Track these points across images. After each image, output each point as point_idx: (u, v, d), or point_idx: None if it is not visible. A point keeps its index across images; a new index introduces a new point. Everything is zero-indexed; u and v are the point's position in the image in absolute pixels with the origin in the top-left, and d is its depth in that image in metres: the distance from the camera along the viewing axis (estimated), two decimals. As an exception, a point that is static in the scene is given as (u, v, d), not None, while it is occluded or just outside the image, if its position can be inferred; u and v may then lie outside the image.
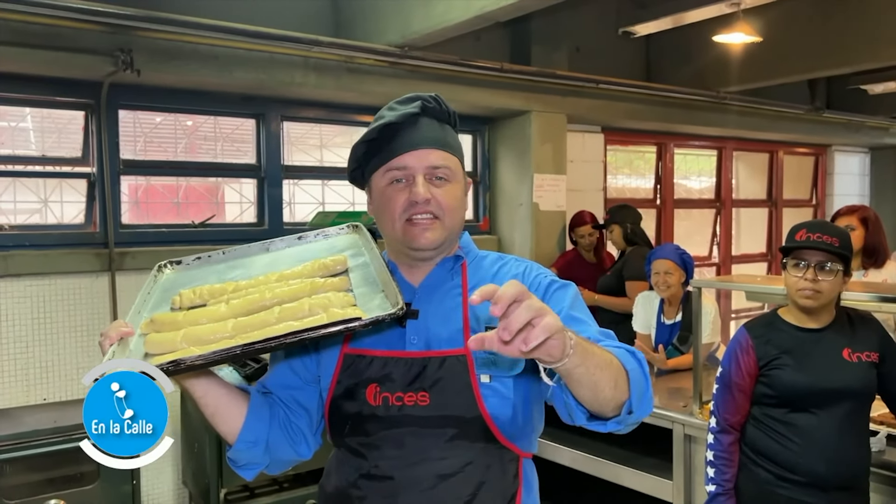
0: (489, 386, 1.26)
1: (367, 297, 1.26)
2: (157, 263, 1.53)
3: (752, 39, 4.28)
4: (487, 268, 1.39)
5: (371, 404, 1.27)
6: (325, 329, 1.13)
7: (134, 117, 4.12)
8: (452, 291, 1.35)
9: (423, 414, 1.25)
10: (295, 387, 1.39)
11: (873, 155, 8.35)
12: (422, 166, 1.30)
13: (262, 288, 1.35)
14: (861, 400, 2.16)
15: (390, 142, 1.31)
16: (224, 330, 1.21)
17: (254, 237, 4.28)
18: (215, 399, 1.32)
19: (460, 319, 1.30)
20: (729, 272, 7.23)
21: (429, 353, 1.28)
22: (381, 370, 1.29)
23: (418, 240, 1.30)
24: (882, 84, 6.05)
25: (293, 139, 4.76)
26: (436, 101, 1.35)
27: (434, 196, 1.30)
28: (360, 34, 4.14)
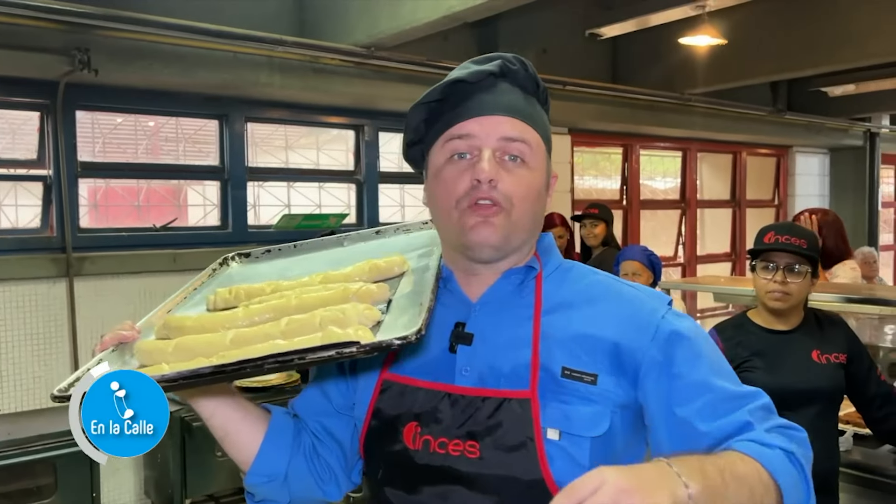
0: (557, 444, 0.97)
1: (401, 310, 1.01)
2: (224, 256, 1.35)
3: (717, 42, 4.32)
4: (574, 286, 1.07)
5: (409, 446, 1.02)
6: (314, 354, 0.88)
7: (92, 118, 4.01)
8: (520, 313, 1.04)
9: (469, 469, 0.98)
10: (325, 413, 1.14)
11: (832, 156, 8.51)
12: (492, 138, 1.01)
13: (298, 291, 1.14)
14: (831, 401, 2.18)
15: (455, 105, 1.03)
16: (222, 343, 1.01)
17: (217, 241, 4.23)
18: (225, 421, 1.08)
19: (528, 352, 1.00)
20: (694, 272, 7.31)
21: (483, 391, 1.00)
22: (426, 406, 1.02)
23: (473, 234, 1.00)
24: (841, 87, 6.16)
25: (257, 140, 4.68)
26: (521, 64, 1.06)
27: (502, 178, 1.00)
28: (326, 34, 4.08)
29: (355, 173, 4.93)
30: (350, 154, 5.05)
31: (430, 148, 1.07)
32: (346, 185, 5.04)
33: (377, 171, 4.92)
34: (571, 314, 1.03)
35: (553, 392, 0.98)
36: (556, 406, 0.97)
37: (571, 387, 0.98)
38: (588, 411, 0.97)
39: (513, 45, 4.95)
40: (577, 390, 0.98)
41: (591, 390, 0.98)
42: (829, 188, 8.58)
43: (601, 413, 0.97)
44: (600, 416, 0.97)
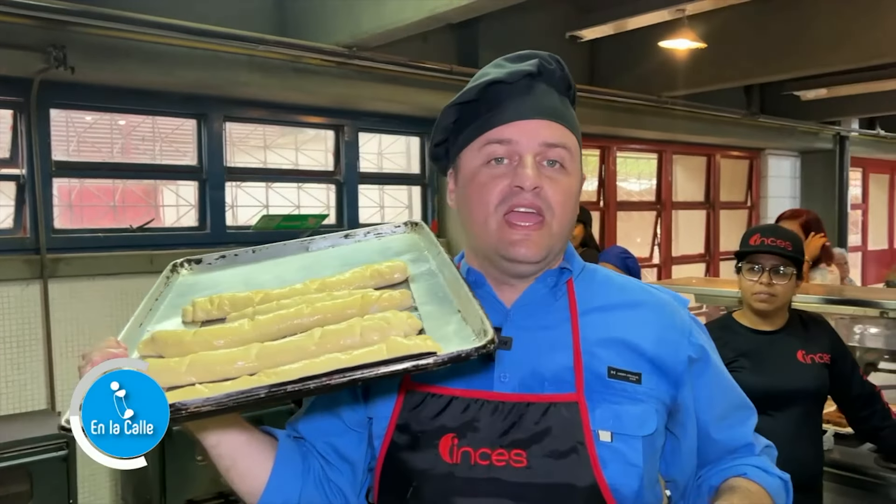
0: (610, 447, 0.95)
1: (436, 318, 0.94)
2: (172, 262, 1.23)
3: (697, 45, 4.36)
4: (604, 291, 1.07)
5: (446, 461, 0.95)
6: (387, 367, 0.81)
7: (66, 116, 3.93)
8: (557, 315, 1.02)
9: (517, 479, 0.93)
10: (335, 432, 1.06)
11: (803, 158, 8.66)
12: (533, 143, 0.98)
13: (299, 300, 1.03)
14: (815, 401, 2.21)
15: (493, 107, 0.99)
16: (245, 359, 0.89)
17: (196, 242, 4.17)
18: (232, 448, 0.98)
19: (569, 354, 0.98)
20: (669, 273, 7.39)
21: (527, 396, 0.96)
22: (461, 416, 0.96)
23: (517, 249, 0.98)
24: (814, 91, 6.26)
25: (235, 140, 4.62)
26: (558, 64, 1.04)
27: (543, 186, 0.97)
28: (306, 34, 4.04)
29: (335, 174, 4.90)
30: (329, 154, 5.02)
31: (461, 151, 1.04)
32: (324, 185, 5.00)
33: (357, 172, 4.90)
34: (608, 317, 1.03)
35: (600, 393, 0.97)
36: (607, 407, 0.96)
37: (619, 386, 0.98)
38: (637, 410, 0.97)
39: (493, 47, 4.96)
40: (624, 390, 0.98)
41: (637, 389, 0.98)
42: (799, 190, 8.73)
43: (648, 412, 0.98)
44: (648, 415, 0.98)
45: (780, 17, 4.82)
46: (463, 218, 1.05)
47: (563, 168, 1.00)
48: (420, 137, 5.24)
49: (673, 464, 1.07)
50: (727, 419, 1.09)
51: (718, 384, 1.08)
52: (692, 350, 1.04)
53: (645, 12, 4.46)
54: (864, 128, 8.67)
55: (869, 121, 8.75)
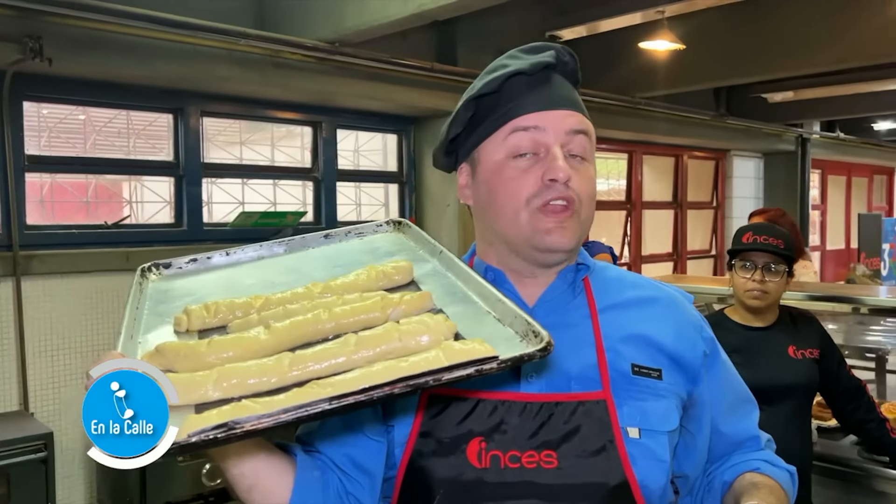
0: (639, 443, 0.95)
1: (468, 320, 0.90)
2: (141, 266, 1.15)
3: (676, 47, 4.43)
4: (617, 288, 1.07)
5: (475, 466, 0.93)
6: (450, 373, 0.77)
7: (38, 110, 3.82)
8: (578, 312, 1.03)
9: (548, 481, 0.92)
10: (353, 443, 1.01)
11: (766, 160, 8.86)
12: (560, 132, 0.98)
13: (308, 305, 0.97)
14: (806, 396, 2.26)
15: (515, 97, 0.99)
16: (280, 370, 0.83)
17: (172, 239, 4.10)
18: (253, 467, 0.92)
19: (593, 351, 0.99)
20: (639, 272, 7.49)
21: (555, 396, 0.95)
22: (489, 419, 0.94)
23: (552, 236, 0.97)
24: (781, 93, 6.41)
25: (209, 135, 4.55)
26: (571, 56, 1.04)
27: (572, 176, 0.97)
28: (285, 28, 3.99)
29: (313, 171, 4.85)
30: (305, 151, 4.97)
31: (478, 144, 1.03)
32: (301, 182, 4.96)
33: (335, 169, 4.86)
34: (626, 313, 1.04)
35: (626, 390, 0.97)
36: (633, 404, 0.96)
37: (643, 383, 0.98)
38: (661, 406, 0.98)
39: (471, 46, 4.97)
40: (647, 386, 0.98)
41: (659, 385, 0.99)
42: (763, 191, 8.93)
43: (671, 407, 1.00)
44: (671, 410, 0.99)
45: (754, 21, 4.92)
46: (483, 212, 1.04)
47: (584, 159, 1.01)
48: (398, 135, 5.23)
49: (686, 459, 1.08)
50: (734, 413, 1.11)
51: (727, 378, 1.11)
52: (705, 345, 1.06)
53: (623, 14, 4.52)
54: (824, 130, 8.91)
55: (829, 123, 8.99)
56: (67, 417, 3.62)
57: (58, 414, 3.58)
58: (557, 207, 0.97)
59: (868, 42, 4.53)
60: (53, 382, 3.57)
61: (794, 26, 4.79)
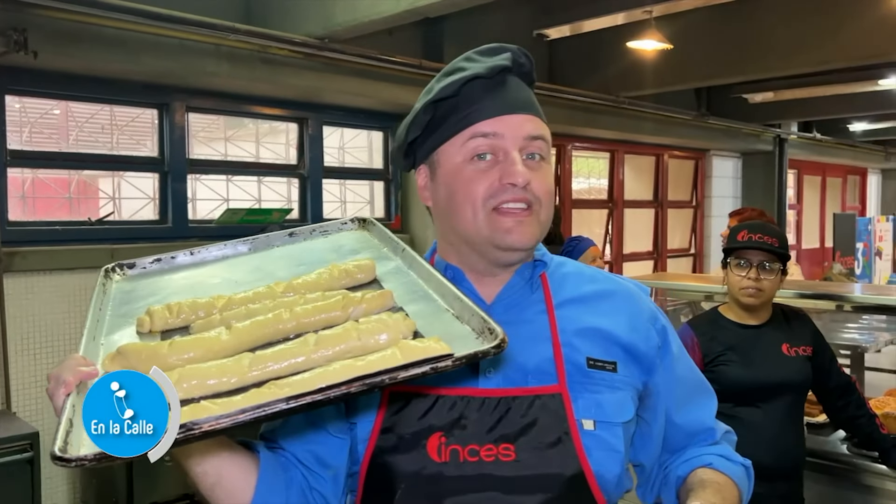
0: (593, 435, 0.98)
1: (426, 318, 0.92)
2: (104, 266, 1.15)
3: (663, 46, 4.46)
4: (574, 282, 1.10)
5: (435, 460, 0.95)
6: (406, 371, 0.79)
7: (20, 104, 3.75)
8: (534, 308, 1.05)
9: (506, 473, 0.95)
10: (316, 440, 1.03)
11: (744, 159, 8.97)
12: (517, 137, 1.00)
13: (270, 304, 0.99)
14: (800, 392, 2.29)
15: (473, 102, 1.00)
16: (240, 370, 0.84)
17: (157, 236, 4.05)
18: (217, 466, 0.93)
19: (549, 346, 1.01)
20: (620, 270, 7.54)
21: (512, 390, 0.98)
22: (448, 414, 0.97)
23: (511, 235, 0.99)
24: (761, 94, 6.49)
25: (193, 131, 4.49)
26: (526, 57, 1.05)
27: (530, 180, 0.99)
28: (274, 24, 3.96)
29: (299, 167, 4.82)
30: (290, 147, 4.94)
31: (437, 147, 1.04)
32: (285, 179, 4.92)
33: (321, 166, 4.83)
34: (581, 308, 1.06)
35: (581, 383, 1.00)
36: (588, 397, 0.99)
37: (598, 376, 1.01)
38: (616, 398, 1.01)
39: (458, 43, 4.96)
40: (603, 379, 1.01)
41: (614, 378, 1.02)
42: (741, 190, 9.04)
43: (626, 399, 1.02)
44: (626, 402, 1.02)
45: (739, 22, 4.98)
46: (443, 213, 1.05)
47: (543, 159, 1.02)
48: (384, 132, 5.21)
49: (642, 448, 1.11)
50: (688, 403, 1.12)
51: (680, 369, 1.11)
52: (658, 336, 1.08)
53: (609, 13, 4.55)
54: (801, 131, 9.04)
55: (806, 124, 9.13)
56: (50, 417, 3.56)
57: (41, 413, 3.52)
58: (516, 209, 1.00)
59: (850, 44, 4.61)
60: (36, 381, 3.51)
61: (778, 28, 4.86)
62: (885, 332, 3.90)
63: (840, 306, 3.13)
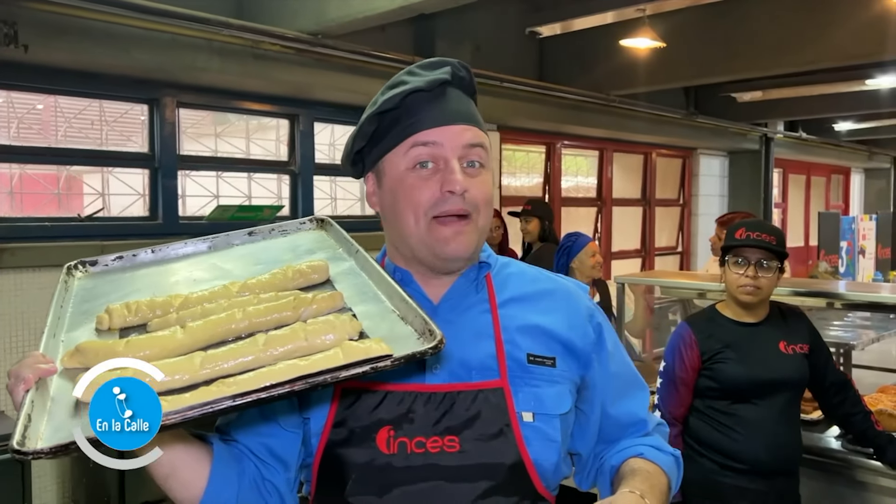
0: (532, 426, 1.04)
1: (373, 318, 0.97)
2: (66, 264, 1.16)
3: (657, 45, 4.47)
4: (517, 282, 1.16)
5: (384, 452, 1.01)
6: (347, 371, 0.83)
7: (7, 98, 3.70)
8: (478, 307, 1.11)
9: (451, 463, 1.01)
10: (271, 434, 1.08)
11: (731, 158, 9.03)
12: (456, 146, 1.05)
13: (225, 304, 1.02)
14: (797, 389, 2.30)
15: (414, 114, 1.05)
16: (192, 368, 0.88)
17: (147, 232, 4.01)
18: (170, 458, 0.96)
19: (492, 343, 1.07)
20: (609, 268, 7.57)
21: (457, 385, 1.04)
22: (396, 408, 1.02)
23: (450, 246, 1.05)
24: (750, 93, 6.53)
25: (183, 127, 4.45)
26: (466, 70, 1.11)
27: (468, 187, 1.04)
28: (264, 19, 3.93)
29: (289, 164, 4.79)
30: (280, 144, 4.90)
31: (383, 156, 1.09)
32: (276, 175, 4.89)
33: (313, 163, 4.80)
34: (524, 306, 1.12)
35: (521, 378, 1.06)
36: (528, 390, 1.05)
37: (538, 371, 1.07)
38: (554, 391, 1.07)
39: (449, 41, 4.96)
40: (542, 374, 1.07)
41: (553, 372, 1.08)
42: (727, 189, 9.10)
43: (564, 392, 1.09)
44: (564, 395, 1.08)
45: (729, 21, 5.01)
46: (389, 218, 1.11)
47: (482, 167, 1.08)
48: (375, 129, 5.18)
49: (579, 438, 1.16)
50: (623, 397, 1.18)
51: (615, 363, 1.17)
52: (594, 332, 1.15)
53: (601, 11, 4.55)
54: (787, 130, 9.11)
55: (792, 123, 9.20)
56: (39, 415, 3.52)
57: (30, 412, 3.47)
58: (453, 219, 1.05)
59: (839, 44, 4.65)
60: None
61: (767, 27, 4.89)
62: (867, 329, 3.94)
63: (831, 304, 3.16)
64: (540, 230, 4.66)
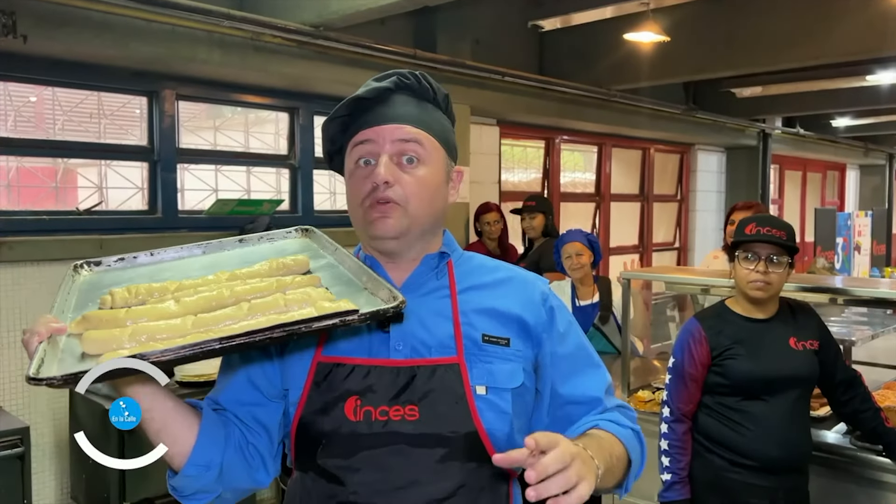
0: (485, 399, 1.15)
1: (347, 295, 1.10)
2: (73, 263, 1.30)
3: (661, 39, 4.45)
4: (478, 273, 1.26)
5: (351, 420, 1.13)
6: (319, 322, 0.96)
7: (3, 89, 3.65)
8: (439, 292, 1.22)
9: (411, 431, 1.12)
10: (255, 403, 1.21)
11: (728, 154, 9.02)
12: (387, 142, 1.16)
13: (215, 287, 1.16)
14: (807, 386, 2.29)
15: (358, 118, 1.19)
16: (183, 328, 1.01)
17: (147, 226, 3.97)
18: (163, 413, 1.09)
19: (450, 324, 1.18)
20: (607, 263, 7.56)
21: (417, 361, 1.15)
22: (363, 381, 1.14)
23: (375, 226, 1.17)
24: (749, 88, 6.51)
25: (182, 120, 4.40)
26: (415, 77, 1.22)
27: (398, 180, 1.15)
28: (266, 11, 3.89)
29: (289, 158, 4.75)
30: (279, 137, 4.86)
31: (344, 157, 1.23)
32: (275, 169, 4.85)
33: (313, 156, 4.76)
34: (482, 293, 1.23)
35: (476, 355, 1.17)
36: (482, 366, 1.16)
37: (491, 350, 1.18)
38: (507, 368, 1.18)
39: (450, 34, 4.92)
40: (496, 352, 1.18)
41: (506, 351, 1.18)
42: (725, 185, 9.09)
43: (516, 369, 1.18)
44: (516, 372, 1.18)
45: (731, 15, 4.99)
46: (349, 212, 1.24)
47: (419, 162, 1.18)
48: (375, 123, 5.15)
49: (536, 419, 1.24)
50: (574, 375, 1.24)
51: (567, 344, 1.25)
52: (547, 314, 1.23)
53: (602, 5, 4.53)
54: (784, 126, 9.10)
55: (789, 119, 9.20)
56: (37, 412, 3.49)
57: (30, 408, 3.44)
58: (379, 205, 1.16)
59: (841, 40, 4.63)
60: (24, 376, 3.42)
61: (769, 23, 4.86)
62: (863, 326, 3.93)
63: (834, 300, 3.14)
64: (544, 225, 4.64)
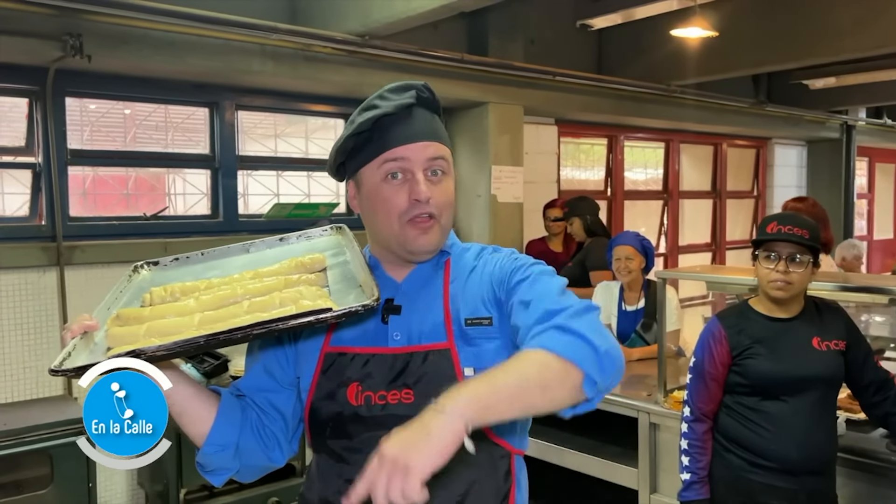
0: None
1: (342, 293, 1.24)
2: (134, 264, 1.45)
3: (709, 34, 4.36)
4: (467, 263, 1.35)
5: (352, 404, 1.23)
6: (295, 320, 1.08)
7: (80, 105, 3.95)
8: (435, 285, 1.32)
9: (407, 413, 1.13)
10: (270, 389, 1.33)
11: (810, 148, 8.64)
12: (421, 160, 1.25)
13: (235, 285, 1.31)
14: (830, 387, 2.23)
15: (384, 133, 1.25)
16: (190, 324, 1.16)
17: (209, 229, 4.20)
18: (183, 397, 1.23)
19: (441, 312, 1.27)
20: (676, 262, 7.40)
21: (411, 348, 1.25)
22: (363, 368, 1.25)
23: (418, 242, 1.26)
24: (822, 80, 6.25)
25: (245, 128, 4.63)
26: (428, 90, 1.30)
27: (432, 195, 1.25)
28: (316, 22, 4.05)
29: (345, 162, 4.90)
30: (338, 143, 5.01)
31: (360, 167, 1.29)
32: (334, 174, 5.01)
33: (367, 161, 4.89)
34: (468, 279, 1.31)
35: (464, 339, 1.25)
36: (469, 350, 1.24)
37: (476, 331, 1.26)
38: (492, 346, 1.25)
39: (502, 35, 4.96)
40: (480, 333, 1.26)
41: (490, 330, 1.26)
42: (805, 179, 8.72)
43: (502, 346, 1.25)
44: (502, 348, 1.24)
45: (785, 7, 4.82)
46: (369, 220, 1.32)
47: (444, 174, 1.28)
48: (429, 126, 5.25)
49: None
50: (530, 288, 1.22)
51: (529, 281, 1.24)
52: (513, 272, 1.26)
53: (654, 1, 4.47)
54: (870, 117, 8.65)
55: (876, 110, 8.73)
56: (109, 402, 3.75)
57: (99, 399, 3.71)
58: (422, 221, 1.26)
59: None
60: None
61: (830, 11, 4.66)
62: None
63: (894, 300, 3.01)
64: (583, 227, 4.63)
